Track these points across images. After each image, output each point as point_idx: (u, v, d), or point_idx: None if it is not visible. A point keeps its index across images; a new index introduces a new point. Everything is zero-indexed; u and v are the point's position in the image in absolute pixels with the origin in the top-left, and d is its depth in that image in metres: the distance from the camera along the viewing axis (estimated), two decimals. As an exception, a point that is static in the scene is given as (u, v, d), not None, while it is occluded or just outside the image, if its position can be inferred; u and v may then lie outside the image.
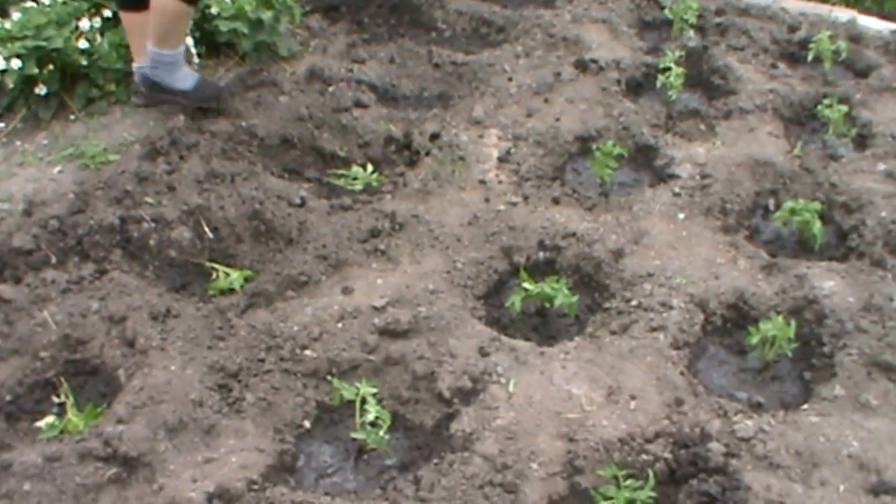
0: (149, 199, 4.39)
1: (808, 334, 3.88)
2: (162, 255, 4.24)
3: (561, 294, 3.83)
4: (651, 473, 3.22)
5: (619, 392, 3.52)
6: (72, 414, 3.46)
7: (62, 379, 3.63)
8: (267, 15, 5.56)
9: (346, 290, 3.97)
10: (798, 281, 4.06)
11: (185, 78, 5.03)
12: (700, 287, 4.03)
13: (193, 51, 5.51)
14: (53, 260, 4.12)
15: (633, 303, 3.94)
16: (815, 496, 3.17)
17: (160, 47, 4.87)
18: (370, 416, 3.31)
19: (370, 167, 4.83)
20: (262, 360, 3.64)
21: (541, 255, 4.26)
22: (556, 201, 4.55)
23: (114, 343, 3.73)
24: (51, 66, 5.09)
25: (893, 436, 3.40)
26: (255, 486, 3.15)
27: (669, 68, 5.42)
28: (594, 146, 4.81)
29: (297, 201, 4.44)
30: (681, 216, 4.47)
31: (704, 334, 3.91)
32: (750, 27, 6.29)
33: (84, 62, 5.17)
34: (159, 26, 4.81)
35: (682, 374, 3.62)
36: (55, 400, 3.59)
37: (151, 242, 4.24)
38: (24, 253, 4.10)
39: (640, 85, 5.68)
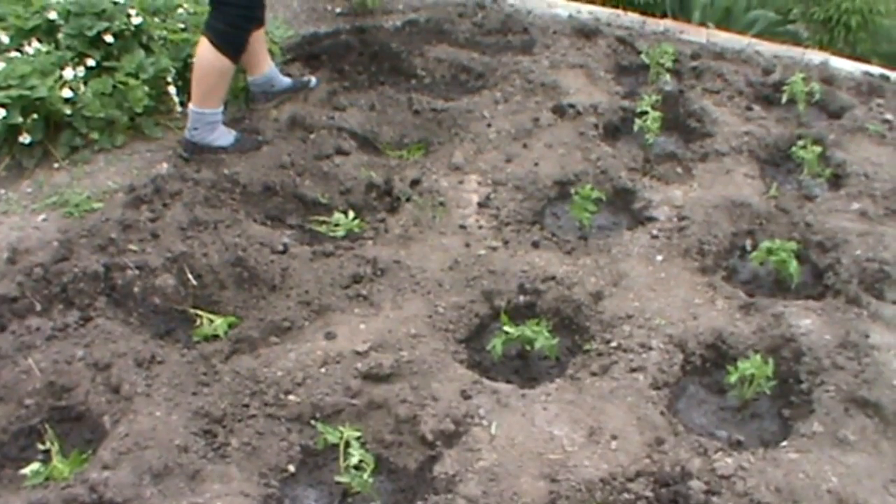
0: (133, 247, 4.42)
1: (786, 372, 3.93)
2: (146, 302, 4.26)
3: (541, 337, 3.87)
4: (632, 512, 3.26)
5: (600, 432, 3.55)
6: (57, 461, 3.47)
7: (47, 426, 3.63)
8: (248, 63, 5.63)
9: (329, 336, 3.99)
10: (775, 320, 4.11)
11: (224, 136, 5.16)
12: (679, 328, 4.08)
13: (176, 99, 5.56)
14: (38, 307, 4.13)
15: (613, 344, 3.99)
16: (794, 533, 3.21)
17: (202, 106, 5.01)
18: (354, 460, 3.32)
19: (352, 213, 4.87)
20: (246, 406, 3.65)
21: (521, 298, 4.30)
22: (535, 245, 4.60)
23: (99, 390, 3.73)
24: (35, 115, 5.11)
25: (872, 471, 3.45)
26: (241, 531, 3.17)
27: (646, 112, 5.49)
28: (573, 190, 4.86)
29: (280, 248, 4.48)
30: (659, 258, 4.52)
31: (684, 374, 3.96)
32: (725, 70, 6.39)
33: (68, 111, 5.19)
34: (202, 84, 4.98)
35: (662, 413, 3.66)
36: (40, 447, 3.59)
37: (136, 289, 4.26)
38: (9, 300, 4.11)
39: (617, 129, 5.75)
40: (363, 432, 3.51)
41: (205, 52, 4.93)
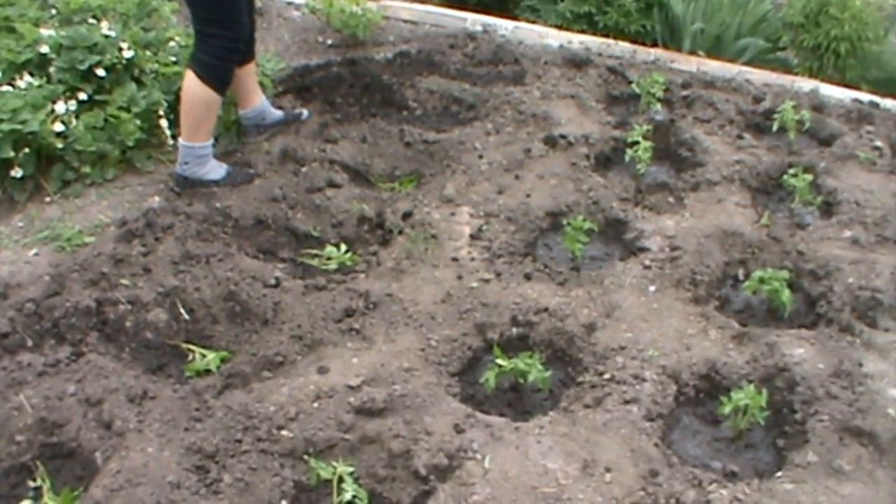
0: (124, 281, 4.41)
1: (779, 402, 3.92)
2: (138, 336, 4.25)
3: (534, 369, 3.85)
4: (627, 546, 3.24)
5: (594, 465, 3.53)
6: (48, 498, 3.44)
7: (38, 463, 3.61)
8: (240, 96, 5.64)
9: (322, 370, 3.98)
10: (768, 349, 4.11)
11: (215, 169, 5.18)
12: (672, 358, 4.07)
13: (168, 132, 5.56)
14: (29, 343, 4.12)
15: (606, 376, 3.97)
16: (790, 565, 3.20)
17: (192, 140, 5.03)
18: (347, 495, 3.31)
19: (344, 247, 4.86)
20: (239, 441, 3.63)
21: (514, 330, 4.29)
22: (528, 277, 4.60)
23: (91, 426, 3.71)
24: (26, 149, 5.12)
25: (867, 500, 3.44)
26: (233, 569, 3.15)
27: (637, 142, 5.51)
28: (565, 221, 4.87)
29: (272, 282, 4.47)
30: (651, 288, 4.52)
31: (677, 405, 3.95)
32: (716, 99, 6.42)
33: (60, 145, 5.20)
34: (190, 116, 5.00)
35: (656, 445, 3.65)
36: (31, 484, 3.56)
37: (128, 324, 4.25)
38: (0, 336, 4.10)
39: (608, 159, 5.77)
40: (356, 467, 3.49)
41: (191, 85, 4.95)
